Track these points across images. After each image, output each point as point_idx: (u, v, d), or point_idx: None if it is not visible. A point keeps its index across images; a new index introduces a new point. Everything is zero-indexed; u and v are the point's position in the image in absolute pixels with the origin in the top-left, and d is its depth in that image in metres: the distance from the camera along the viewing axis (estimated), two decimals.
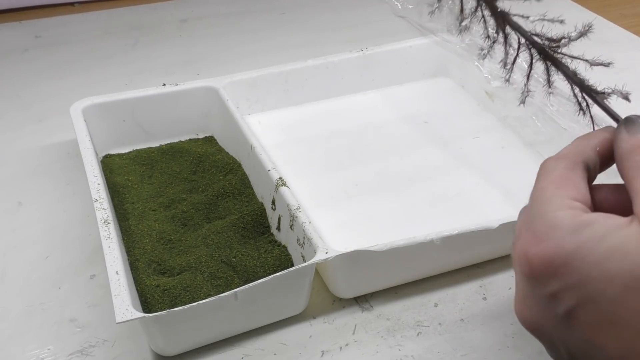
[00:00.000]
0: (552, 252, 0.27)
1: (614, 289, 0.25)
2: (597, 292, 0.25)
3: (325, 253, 0.43)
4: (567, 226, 0.27)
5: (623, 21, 0.85)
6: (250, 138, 0.55)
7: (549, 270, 0.27)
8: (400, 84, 0.70)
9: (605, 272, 0.25)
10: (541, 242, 0.28)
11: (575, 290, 0.26)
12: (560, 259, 0.27)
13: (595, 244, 0.26)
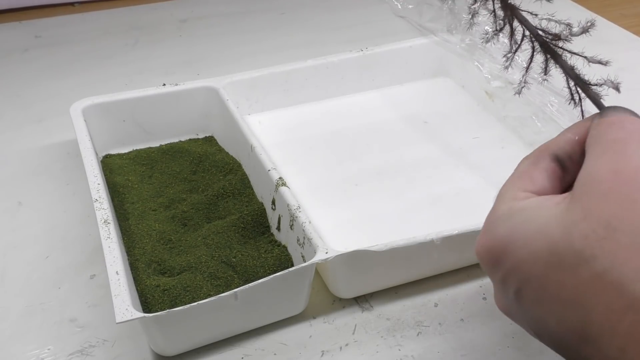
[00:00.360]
0: (491, 241, 0.29)
1: (539, 268, 0.26)
2: (529, 273, 0.26)
3: (325, 253, 0.43)
4: (504, 215, 0.29)
5: (623, 21, 0.85)
6: (250, 138, 0.55)
7: (492, 258, 0.29)
8: (400, 84, 0.70)
9: (531, 253, 0.26)
10: (484, 234, 0.30)
11: (514, 273, 0.27)
12: (498, 247, 0.28)
13: (523, 227, 0.27)
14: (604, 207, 0.25)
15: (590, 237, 0.24)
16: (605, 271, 0.24)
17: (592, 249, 0.24)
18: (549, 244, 0.26)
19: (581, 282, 0.24)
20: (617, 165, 0.26)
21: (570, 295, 0.25)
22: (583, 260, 0.24)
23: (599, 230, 0.24)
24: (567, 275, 0.25)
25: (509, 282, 0.28)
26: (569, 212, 0.26)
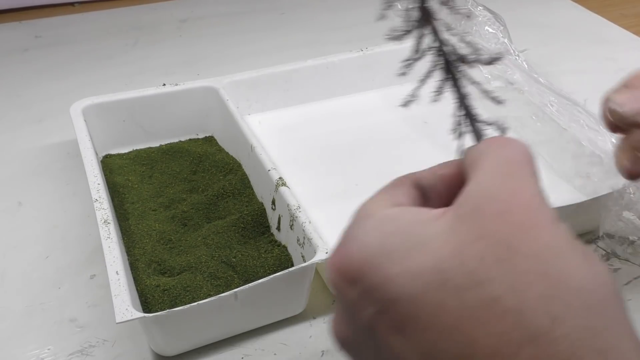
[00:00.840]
0: (352, 253, 0.25)
1: (416, 287, 0.22)
2: (399, 292, 0.23)
3: (325, 253, 0.43)
4: (368, 225, 0.25)
5: (623, 21, 0.85)
6: (250, 138, 0.55)
7: (349, 273, 0.25)
8: (400, 84, 0.70)
9: (407, 270, 0.23)
10: (342, 246, 0.26)
11: (377, 292, 0.23)
12: (360, 260, 0.24)
13: (397, 239, 0.24)
14: (501, 228, 0.22)
15: (487, 258, 0.22)
16: (501, 297, 0.21)
17: (488, 271, 0.22)
18: (434, 261, 0.23)
19: (468, 306, 0.21)
20: (514, 186, 0.24)
21: (451, 321, 0.22)
22: (475, 282, 0.22)
23: (498, 251, 0.22)
24: (451, 298, 0.22)
25: (366, 303, 0.24)
26: (457, 230, 0.23)
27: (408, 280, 0.23)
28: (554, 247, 0.22)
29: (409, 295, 0.23)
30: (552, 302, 0.21)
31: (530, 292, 0.21)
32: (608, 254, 0.51)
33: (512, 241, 0.22)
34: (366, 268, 0.24)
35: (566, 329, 0.20)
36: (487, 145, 0.28)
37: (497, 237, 0.22)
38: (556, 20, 0.85)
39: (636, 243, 0.50)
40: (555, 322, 0.21)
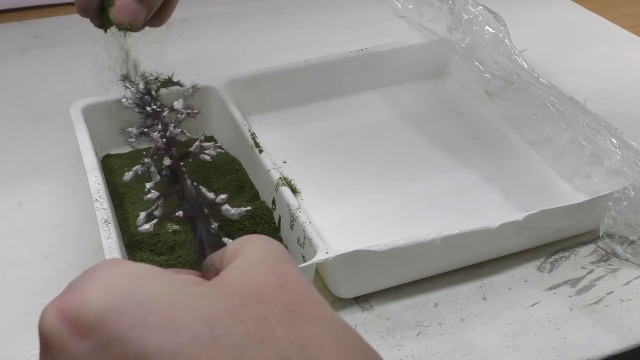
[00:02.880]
0: (92, 297, 0.21)
1: (179, 342, 0.20)
2: (154, 345, 0.20)
3: (325, 253, 0.43)
4: (118, 271, 0.22)
5: (623, 21, 0.85)
6: (250, 138, 0.55)
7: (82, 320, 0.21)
8: (400, 84, 0.70)
9: (168, 321, 0.21)
10: (74, 291, 0.22)
11: (119, 346, 0.20)
12: (102, 305, 0.21)
13: (155, 289, 0.22)
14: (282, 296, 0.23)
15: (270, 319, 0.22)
16: (291, 356, 0.21)
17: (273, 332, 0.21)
18: (204, 317, 0.21)
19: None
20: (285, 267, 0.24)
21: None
22: (258, 341, 0.21)
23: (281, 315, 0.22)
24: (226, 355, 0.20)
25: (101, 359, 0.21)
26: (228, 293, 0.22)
27: (168, 334, 0.20)
28: (338, 319, 0.23)
29: (167, 351, 0.20)
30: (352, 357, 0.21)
31: (322, 356, 0.21)
32: (608, 254, 0.51)
33: (296, 308, 0.22)
34: (108, 315, 0.21)
35: None
36: (244, 240, 0.27)
37: (280, 303, 0.22)
38: (556, 20, 0.85)
39: (636, 243, 0.50)
40: None
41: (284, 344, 0.21)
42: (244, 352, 0.20)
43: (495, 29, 0.65)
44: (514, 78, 0.61)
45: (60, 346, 0.21)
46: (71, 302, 0.21)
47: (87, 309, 0.21)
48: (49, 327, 0.21)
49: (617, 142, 0.53)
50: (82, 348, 0.21)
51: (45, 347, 0.22)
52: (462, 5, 0.66)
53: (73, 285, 0.22)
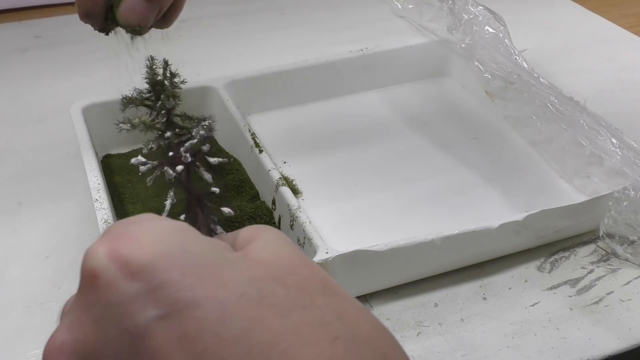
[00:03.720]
0: (145, 242, 0.21)
1: (227, 297, 0.20)
2: (203, 296, 0.20)
3: (325, 253, 0.43)
4: (168, 225, 0.23)
5: (623, 21, 0.85)
6: (250, 138, 0.55)
7: (134, 263, 0.21)
8: (400, 84, 0.70)
9: (216, 275, 0.21)
10: (127, 233, 0.22)
11: (168, 292, 0.20)
12: (155, 252, 0.21)
13: (204, 245, 0.22)
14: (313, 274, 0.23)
15: (309, 288, 0.22)
16: (332, 323, 0.21)
17: (314, 299, 0.22)
18: (250, 276, 0.21)
19: (293, 325, 0.20)
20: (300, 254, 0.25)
21: (269, 337, 0.20)
22: (301, 305, 0.21)
23: (318, 287, 0.23)
24: (272, 315, 0.20)
25: (147, 304, 0.20)
26: (264, 264, 0.23)
27: (218, 287, 0.20)
28: (360, 303, 0.24)
29: (217, 302, 0.20)
30: (381, 340, 0.22)
31: (360, 327, 0.21)
32: (608, 254, 0.51)
33: (328, 284, 0.23)
34: (161, 261, 0.21)
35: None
36: (259, 227, 0.27)
37: (313, 278, 0.23)
38: (556, 20, 0.85)
39: (636, 243, 0.50)
40: (386, 358, 0.21)
41: (325, 311, 0.21)
42: (289, 314, 0.21)
43: (495, 29, 0.65)
44: (514, 78, 0.61)
45: (109, 283, 0.21)
46: (123, 244, 0.21)
47: (140, 253, 0.21)
48: (99, 264, 0.21)
49: (617, 142, 0.53)
50: (132, 288, 0.21)
51: (90, 284, 0.22)
52: (462, 5, 0.66)
53: (118, 231, 0.22)
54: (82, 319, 0.22)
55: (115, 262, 0.21)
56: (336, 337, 0.21)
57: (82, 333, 0.22)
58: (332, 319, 0.21)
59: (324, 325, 0.21)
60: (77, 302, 0.22)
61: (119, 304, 0.21)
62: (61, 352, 0.22)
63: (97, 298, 0.21)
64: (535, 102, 0.59)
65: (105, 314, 0.21)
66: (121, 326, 0.21)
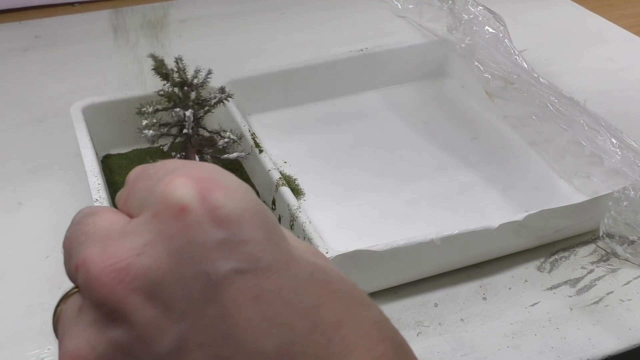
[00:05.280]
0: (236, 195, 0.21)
1: (300, 271, 0.20)
2: (282, 263, 0.20)
3: (325, 253, 0.43)
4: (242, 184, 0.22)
5: (623, 21, 0.85)
6: (250, 138, 0.55)
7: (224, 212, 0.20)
8: (400, 84, 0.70)
9: (290, 250, 0.21)
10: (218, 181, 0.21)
11: (249, 247, 0.20)
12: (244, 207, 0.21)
13: (269, 214, 0.22)
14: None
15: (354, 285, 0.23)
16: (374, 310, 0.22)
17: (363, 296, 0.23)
18: (314, 262, 0.22)
19: (352, 314, 0.21)
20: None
21: (334, 321, 0.20)
22: (351, 286, 0.22)
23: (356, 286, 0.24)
24: (336, 300, 0.21)
25: (226, 255, 0.20)
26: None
27: (291, 260, 0.20)
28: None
29: (292, 273, 0.20)
30: (410, 350, 0.24)
31: (397, 333, 0.23)
32: (608, 254, 0.51)
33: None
34: (249, 218, 0.20)
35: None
36: None
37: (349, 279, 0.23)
38: (556, 20, 0.85)
39: (636, 243, 0.50)
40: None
41: (376, 310, 0.22)
42: (349, 304, 0.21)
43: (495, 29, 0.65)
44: (514, 78, 0.61)
45: (198, 222, 0.20)
46: (215, 188, 0.20)
47: (232, 203, 0.20)
48: (189, 200, 0.20)
49: (617, 142, 0.53)
50: (218, 234, 0.20)
51: (175, 215, 0.20)
52: (462, 5, 0.66)
53: (204, 174, 0.21)
54: (156, 246, 0.20)
55: (206, 204, 0.20)
56: (386, 337, 0.21)
57: (155, 261, 0.20)
58: (382, 320, 0.22)
59: (377, 324, 0.21)
60: (150, 228, 0.20)
61: (204, 246, 0.20)
62: (125, 274, 0.20)
63: (181, 232, 0.20)
64: (535, 102, 0.59)
65: (185, 250, 0.20)
66: (199, 268, 0.20)
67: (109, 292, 0.20)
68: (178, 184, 0.21)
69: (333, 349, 0.20)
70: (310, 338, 0.20)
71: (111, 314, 0.20)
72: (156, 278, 0.20)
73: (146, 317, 0.19)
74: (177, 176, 0.21)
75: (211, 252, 0.20)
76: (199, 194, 0.20)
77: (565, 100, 0.58)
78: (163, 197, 0.20)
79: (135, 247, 0.20)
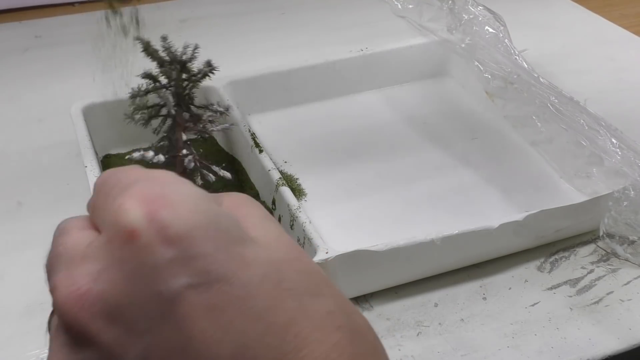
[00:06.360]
0: (185, 211, 0.21)
1: (252, 276, 0.21)
2: (232, 271, 0.21)
3: (325, 253, 0.43)
4: (197, 192, 0.23)
5: (623, 21, 0.85)
6: (250, 138, 0.55)
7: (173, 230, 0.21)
8: (400, 84, 0.70)
9: (243, 254, 0.21)
10: (165, 196, 0.22)
11: (202, 262, 0.21)
12: (194, 221, 0.21)
13: (227, 220, 0.22)
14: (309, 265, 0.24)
15: (315, 275, 0.23)
16: (335, 312, 0.22)
17: (320, 288, 0.23)
18: (269, 258, 0.22)
19: (305, 310, 0.21)
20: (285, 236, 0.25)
21: (284, 320, 0.21)
22: (312, 293, 0.22)
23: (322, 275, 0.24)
24: (288, 298, 0.21)
25: (180, 271, 0.21)
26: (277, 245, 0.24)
27: (243, 265, 0.21)
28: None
29: (244, 280, 0.21)
30: (371, 334, 0.23)
31: (356, 319, 0.23)
32: (608, 254, 0.51)
33: (322, 273, 0.24)
34: (197, 233, 0.21)
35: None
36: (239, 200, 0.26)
37: (314, 267, 0.23)
38: (556, 20, 0.85)
39: (636, 243, 0.50)
40: (377, 351, 0.23)
41: (330, 299, 0.22)
42: (302, 299, 0.21)
43: (495, 29, 0.65)
44: (514, 78, 0.61)
45: (148, 245, 0.21)
46: (162, 208, 0.21)
47: (179, 220, 0.21)
48: (138, 223, 0.21)
49: (617, 142, 0.53)
50: (168, 253, 0.21)
51: (126, 240, 0.21)
52: (462, 5, 0.66)
53: (153, 192, 0.22)
54: (111, 271, 0.21)
55: (154, 225, 0.21)
56: (340, 326, 0.22)
57: (111, 285, 0.21)
58: (336, 309, 0.22)
59: (330, 314, 0.22)
60: (105, 253, 0.22)
61: (155, 266, 0.21)
62: (84, 300, 0.22)
63: (132, 255, 0.21)
64: (535, 102, 0.59)
65: (138, 272, 0.21)
66: (153, 287, 0.21)
67: (73, 318, 0.22)
68: (127, 207, 0.21)
69: (286, 347, 0.21)
70: (263, 341, 0.20)
71: (78, 337, 0.22)
72: (114, 301, 0.21)
73: (109, 339, 0.21)
74: (127, 198, 0.22)
75: (163, 272, 0.21)
76: (147, 215, 0.21)
77: (565, 100, 0.58)
78: (114, 222, 0.22)
79: (93, 272, 0.22)
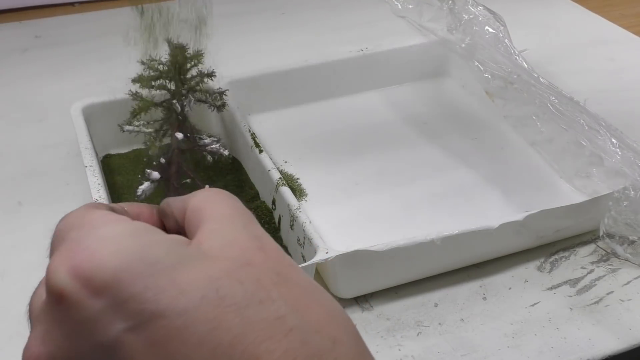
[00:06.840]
0: (105, 257, 0.22)
1: (187, 302, 0.21)
2: (166, 304, 0.21)
3: (325, 253, 0.43)
4: (120, 230, 0.23)
5: (623, 21, 0.85)
6: (250, 138, 0.55)
7: (97, 280, 0.21)
8: (400, 84, 0.70)
9: (175, 282, 0.21)
10: (84, 249, 0.22)
11: (133, 304, 0.21)
12: (116, 266, 0.21)
13: (159, 250, 0.22)
14: (266, 261, 0.23)
15: (263, 280, 0.22)
16: (286, 316, 0.22)
17: (268, 292, 0.22)
18: (207, 278, 0.22)
19: (251, 322, 0.21)
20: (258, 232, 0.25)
21: (230, 338, 0.21)
22: (257, 301, 0.22)
23: (271, 276, 0.23)
24: (231, 314, 0.21)
25: (115, 318, 0.21)
26: (217, 255, 0.23)
27: (177, 294, 0.21)
28: (313, 281, 0.25)
29: (179, 310, 0.21)
30: (331, 325, 0.23)
31: (311, 315, 0.22)
32: (608, 254, 0.51)
33: (280, 270, 0.23)
34: (123, 275, 0.21)
35: (344, 349, 0.22)
36: (206, 198, 0.26)
37: (266, 265, 0.23)
38: (556, 20, 0.85)
39: (636, 243, 0.50)
40: (336, 343, 0.22)
41: (279, 303, 0.22)
42: (245, 311, 0.21)
43: (495, 29, 0.65)
44: (514, 78, 0.61)
45: (76, 302, 0.22)
46: (84, 261, 0.22)
47: (101, 269, 0.22)
48: (63, 283, 0.22)
49: (617, 142, 0.53)
50: (97, 305, 0.21)
51: (57, 303, 0.22)
52: (462, 5, 0.66)
53: (75, 244, 0.23)
54: (54, 333, 0.22)
55: (78, 281, 0.22)
56: (290, 329, 0.21)
57: (56, 346, 0.22)
58: (286, 311, 0.22)
59: (279, 319, 0.21)
60: (47, 315, 0.23)
61: (88, 320, 0.21)
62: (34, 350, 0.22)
63: (66, 315, 0.22)
64: (535, 102, 0.59)
65: (76, 329, 0.22)
66: (93, 340, 0.21)
67: None
68: (54, 268, 0.23)
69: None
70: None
71: None
72: (63, 359, 0.22)
73: None
74: (55, 257, 0.23)
75: (97, 323, 0.21)
76: (70, 272, 0.22)
77: (565, 100, 0.58)
78: (48, 285, 0.23)
79: (39, 336, 0.23)
